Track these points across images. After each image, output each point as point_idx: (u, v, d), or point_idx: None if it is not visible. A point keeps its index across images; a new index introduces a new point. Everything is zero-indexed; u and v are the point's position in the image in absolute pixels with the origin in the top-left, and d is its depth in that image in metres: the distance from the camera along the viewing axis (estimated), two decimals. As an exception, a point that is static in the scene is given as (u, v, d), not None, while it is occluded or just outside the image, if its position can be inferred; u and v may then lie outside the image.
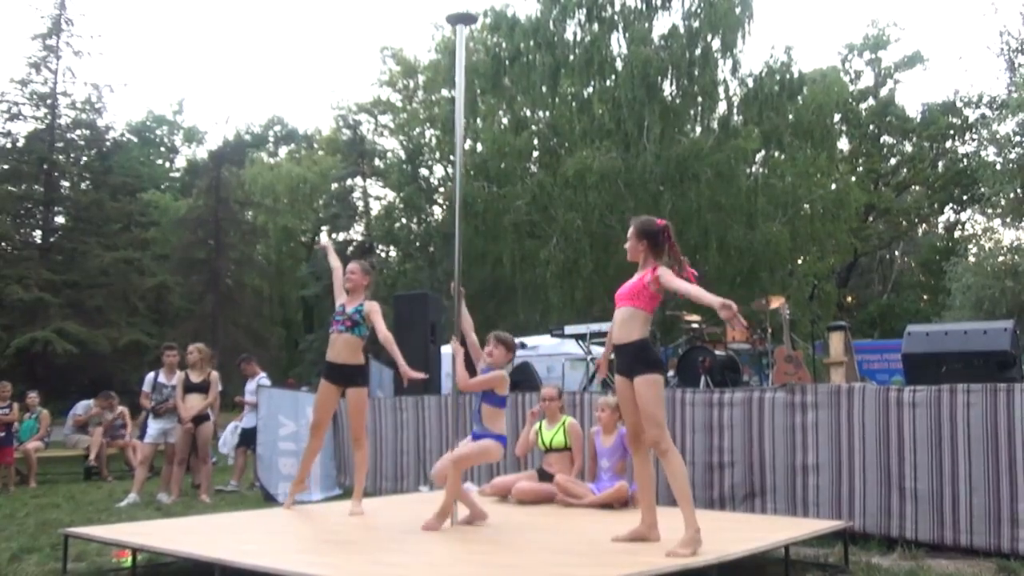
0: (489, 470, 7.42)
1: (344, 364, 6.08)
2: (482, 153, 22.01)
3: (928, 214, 32.70)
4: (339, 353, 6.08)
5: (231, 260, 25.86)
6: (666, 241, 4.50)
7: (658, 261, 4.49)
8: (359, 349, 6.14)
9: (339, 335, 6.05)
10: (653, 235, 4.52)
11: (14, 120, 23.66)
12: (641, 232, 4.54)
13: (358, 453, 6.28)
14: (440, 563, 4.29)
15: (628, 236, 4.61)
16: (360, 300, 6.11)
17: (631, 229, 4.59)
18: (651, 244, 4.52)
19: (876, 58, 31.47)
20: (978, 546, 5.23)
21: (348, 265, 6.26)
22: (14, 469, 10.89)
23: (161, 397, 9.16)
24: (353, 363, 6.12)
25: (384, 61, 34.92)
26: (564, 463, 6.57)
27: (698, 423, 6.49)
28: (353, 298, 6.13)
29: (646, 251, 4.53)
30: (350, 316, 6.04)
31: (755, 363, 11.77)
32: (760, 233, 18.83)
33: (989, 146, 20.30)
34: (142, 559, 5.24)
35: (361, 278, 6.16)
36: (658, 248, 4.50)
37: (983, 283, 17.85)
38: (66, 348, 19.94)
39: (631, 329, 4.47)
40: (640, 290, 4.48)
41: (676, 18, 20.15)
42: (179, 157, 42.79)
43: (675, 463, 4.40)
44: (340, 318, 6.06)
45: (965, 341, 6.21)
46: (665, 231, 4.52)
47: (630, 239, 4.59)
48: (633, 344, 4.46)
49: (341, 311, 6.10)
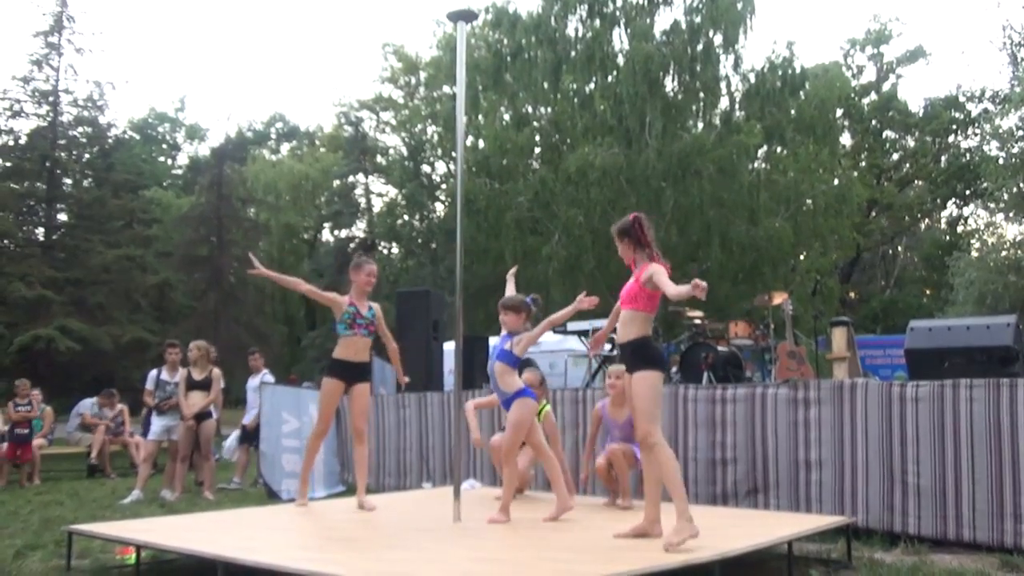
0: (492, 472, 7.41)
1: (361, 363, 6.19)
2: (484, 149, 22.02)
3: (930, 209, 32.66)
4: (358, 352, 6.15)
5: (233, 257, 25.85)
6: (640, 232, 4.61)
7: (644, 254, 4.60)
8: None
9: (362, 338, 6.13)
10: (629, 231, 4.65)
11: (16, 117, 23.68)
12: (620, 232, 4.70)
13: (361, 448, 6.28)
14: (443, 560, 4.29)
15: (616, 240, 4.75)
16: (367, 302, 6.22)
17: (614, 237, 4.75)
18: (632, 240, 4.65)
19: (878, 53, 31.43)
20: (981, 541, 5.22)
21: (368, 265, 6.28)
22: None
23: (164, 394, 9.17)
24: (367, 361, 6.28)
25: (386, 58, 34.97)
26: None
27: (701, 419, 6.49)
28: (364, 300, 6.20)
29: (633, 249, 4.66)
30: (370, 320, 6.14)
31: (758, 359, 11.76)
32: (762, 229, 18.82)
33: (992, 141, 20.26)
34: (146, 556, 5.24)
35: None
36: (640, 241, 4.62)
37: (986, 278, 17.82)
38: (69, 345, 19.96)
39: (630, 329, 4.59)
40: (636, 293, 4.57)
41: (678, 14, 20.17)
42: (181, 154, 42.89)
43: (663, 455, 4.46)
44: (362, 322, 6.11)
45: (968, 336, 6.21)
46: (636, 222, 4.64)
47: (617, 244, 4.75)
48: (631, 343, 4.58)
49: (358, 313, 6.12)
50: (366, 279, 6.13)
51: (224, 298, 24.77)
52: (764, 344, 11.24)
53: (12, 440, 10.61)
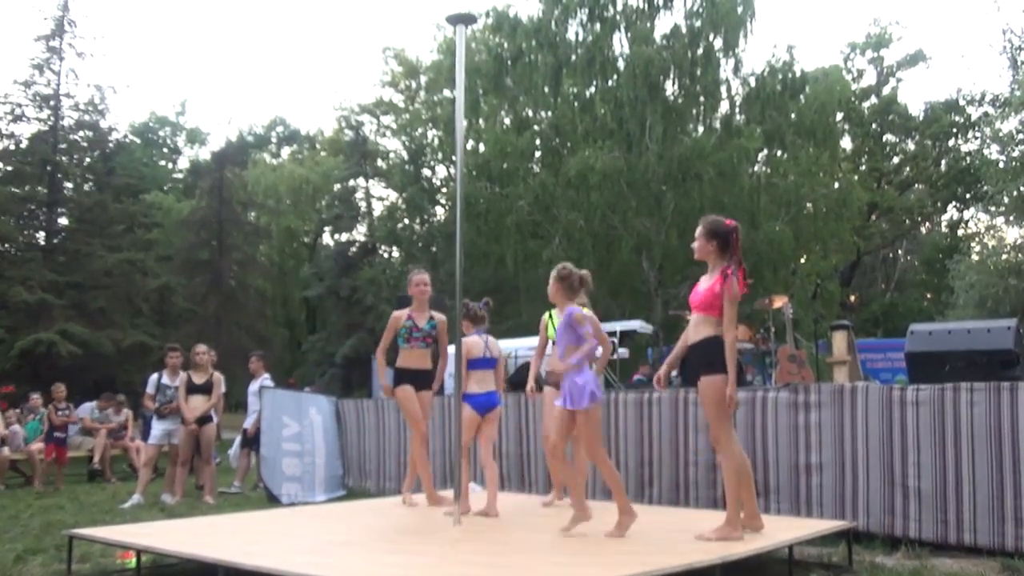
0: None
1: (420, 370, 6.33)
2: (484, 153, 22.03)
3: (931, 212, 32.64)
4: (416, 361, 6.30)
5: (234, 261, 25.85)
6: (735, 241, 4.65)
7: (726, 262, 4.62)
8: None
9: (419, 350, 6.29)
10: (724, 235, 4.67)
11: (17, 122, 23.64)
12: (711, 232, 4.69)
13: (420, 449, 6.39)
14: (442, 563, 4.29)
15: (696, 235, 4.75)
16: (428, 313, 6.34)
17: (700, 228, 4.74)
18: (720, 244, 4.66)
19: (878, 56, 31.43)
20: (982, 545, 5.22)
21: (416, 276, 6.38)
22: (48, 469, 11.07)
23: (165, 398, 9.17)
24: (428, 369, 6.41)
25: (386, 62, 34.98)
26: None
27: (701, 423, 6.48)
28: (425, 311, 6.32)
29: (716, 251, 4.67)
30: (427, 332, 6.28)
31: (758, 362, 11.77)
32: (763, 232, 18.82)
33: (992, 144, 20.24)
34: (146, 560, 5.25)
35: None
36: (727, 249, 4.64)
37: (986, 281, 17.81)
38: (70, 350, 19.92)
39: (701, 330, 4.65)
40: (712, 300, 4.60)
41: (678, 17, 20.20)
42: (182, 158, 42.85)
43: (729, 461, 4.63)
44: (419, 335, 6.25)
45: (968, 340, 6.20)
46: (735, 232, 4.67)
47: (699, 239, 4.73)
48: (705, 341, 4.63)
49: (415, 327, 6.24)
50: (416, 289, 6.32)
51: (225, 302, 24.73)
52: (765, 348, 11.24)
53: (51, 442, 10.97)
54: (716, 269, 4.66)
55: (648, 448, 6.82)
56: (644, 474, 6.85)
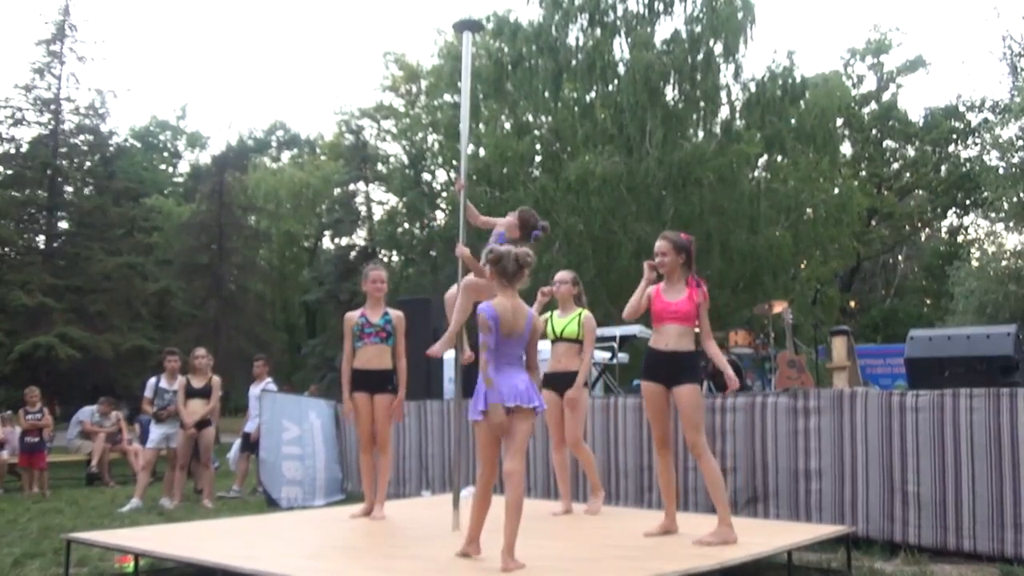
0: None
1: (375, 371, 5.99)
2: (484, 158, 22.03)
3: (931, 218, 32.65)
4: (370, 361, 5.98)
5: (234, 265, 25.84)
6: (693, 254, 4.90)
7: (689, 273, 4.87)
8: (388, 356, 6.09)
9: (374, 346, 5.98)
10: (688, 249, 4.87)
11: (18, 125, 23.68)
12: (679, 247, 4.87)
13: (384, 458, 6.14)
14: (442, 568, 4.29)
15: (662, 251, 4.86)
16: (383, 309, 6.09)
17: (666, 244, 4.87)
18: (687, 257, 4.87)
19: (878, 62, 31.45)
20: (981, 551, 5.21)
21: (372, 272, 6.15)
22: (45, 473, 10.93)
23: (163, 402, 9.16)
24: (386, 369, 6.06)
25: (387, 66, 35.00)
26: (572, 355, 6.04)
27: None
28: (379, 308, 6.07)
29: (682, 265, 4.87)
30: (381, 327, 6.01)
31: (758, 368, 11.76)
32: (763, 238, 18.83)
33: (992, 150, 20.28)
34: (144, 564, 5.24)
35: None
36: (689, 261, 4.87)
37: (986, 287, 17.82)
38: (69, 353, 19.92)
39: (683, 342, 4.82)
40: (693, 311, 4.81)
41: (678, 23, 20.20)
42: (182, 162, 42.89)
43: (709, 465, 4.89)
44: (371, 330, 5.98)
45: (968, 346, 6.21)
46: (693, 244, 4.91)
47: (668, 253, 4.85)
48: (687, 353, 4.83)
49: (367, 323, 5.99)
50: (371, 286, 6.05)
51: (224, 306, 24.72)
52: (764, 353, 11.24)
53: (23, 450, 10.69)
54: (680, 281, 4.86)
55: (647, 453, 6.81)
56: (644, 479, 6.84)
